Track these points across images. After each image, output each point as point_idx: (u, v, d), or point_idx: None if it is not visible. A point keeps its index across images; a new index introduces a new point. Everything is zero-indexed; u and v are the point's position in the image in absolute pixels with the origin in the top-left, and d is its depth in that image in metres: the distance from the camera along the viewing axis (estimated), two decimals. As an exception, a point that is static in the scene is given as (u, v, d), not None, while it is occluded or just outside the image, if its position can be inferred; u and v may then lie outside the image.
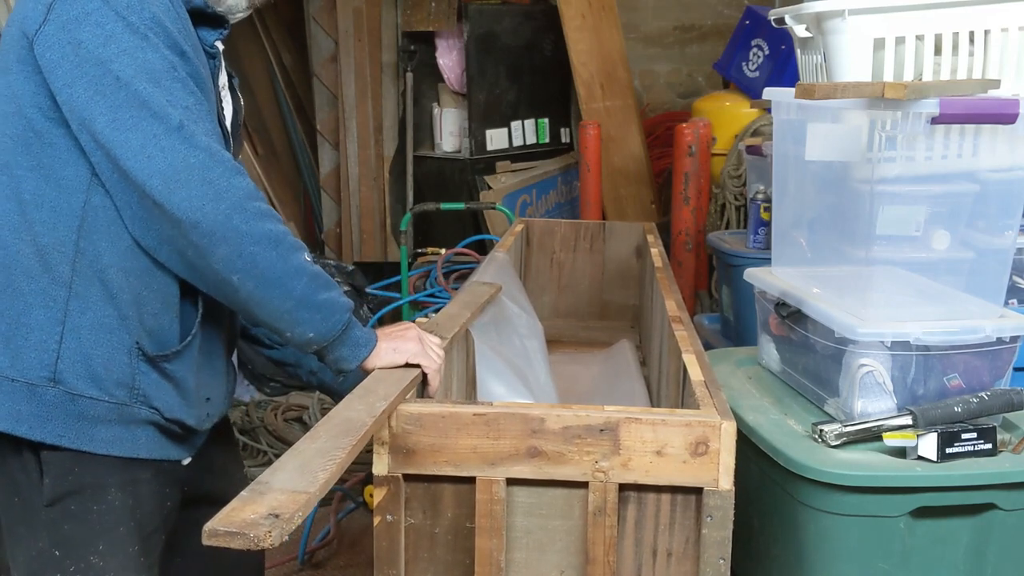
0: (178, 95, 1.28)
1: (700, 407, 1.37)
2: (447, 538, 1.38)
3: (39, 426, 1.34)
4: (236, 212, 1.27)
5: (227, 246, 1.28)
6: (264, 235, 1.30)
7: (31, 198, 1.32)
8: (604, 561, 1.34)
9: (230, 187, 1.28)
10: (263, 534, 0.94)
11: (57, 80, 1.27)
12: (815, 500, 1.66)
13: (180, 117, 1.26)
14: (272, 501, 1.01)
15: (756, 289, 2.21)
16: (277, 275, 1.32)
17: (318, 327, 1.38)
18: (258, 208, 1.31)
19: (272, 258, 1.31)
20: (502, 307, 2.20)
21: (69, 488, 1.37)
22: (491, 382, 1.82)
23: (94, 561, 1.39)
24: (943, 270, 1.92)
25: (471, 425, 1.33)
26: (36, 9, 1.28)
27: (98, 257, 1.33)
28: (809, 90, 1.77)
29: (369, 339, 1.45)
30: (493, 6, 4.95)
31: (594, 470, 1.31)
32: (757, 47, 4.14)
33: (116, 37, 1.26)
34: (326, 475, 1.08)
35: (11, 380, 1.33)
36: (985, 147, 1.82)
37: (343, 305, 1.40)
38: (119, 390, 1.36)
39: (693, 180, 3.84)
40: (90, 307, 1.34)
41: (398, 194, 5.21)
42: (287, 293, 1.33)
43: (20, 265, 1.33)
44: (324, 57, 5.20)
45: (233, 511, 0.99)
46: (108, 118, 1.25)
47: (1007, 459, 1.69)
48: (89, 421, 1.35)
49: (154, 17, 1.29)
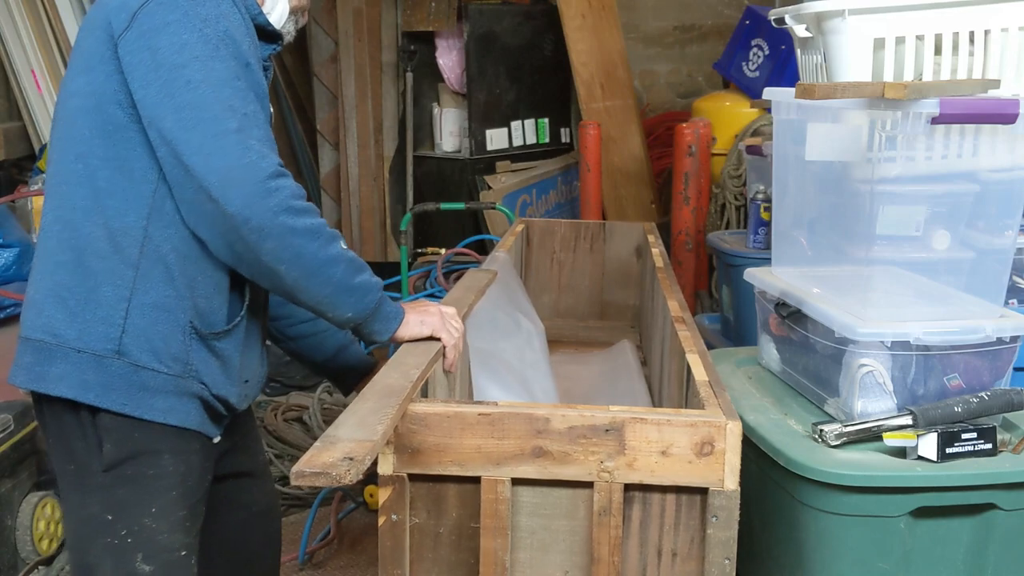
0: (239, 102, 1.40)
1: (705, 407, 1.37)
2: (451, 538, 1.38)
3: (104, 394, 1.45)
4: (283, 210, 1.40)
5: (274, 240, 1.40)
6: (307, 229, 1.43)
7: (105, 186, 1.44)
8: (609, 561, 1.34)
9: (278, 187, 1.40)
10: (343, 472, 1.10)
11: (134, 80, 1.40)
12: (815, 500, 1.66)
13: (239, 122, 1.39)
14: (345, 448, 1.16)
15: (756, 289, 2.21)
16: (319, 264, 1.45)
17: (355, 307, 1.52)
18: (302, 205, 1.43)
19: (314, 249, 1.44)
20: (500, 307, 2.20)
21: (127, 453, 1.47)
22: (487, 385, 1.82)
23: (147, 523, 1.49)
24: (943, 270, 1.92)
25: (476, 425, 1.33)
26: (121, 15, 1.42)
27: (162, 242, 1.46)
28: (809, 90, 1.78)
29: (398, 312, 1.60)
30: (493, 6, 4.95)
31: (599, 470, 1.32)
32: (757, 47, 4.14)
33: (190, 46, 1.39)
34: (383, 427, 1.23)
35: (78, 351, 1.45)
36: (985, 147, 1.82)
37: (375, 284, 1.54)
38: (175, 364, 1.48)
39: (693, 180, 3.84)
40: (153, 287, 1.46)
41: (398, 194, 5.21)
42: (328, 279, 1.46)
43: (91, 247, 1.45)
44: (324, 57, 5.20)
45: (314, 456, 1.14)
46: (174, 117, 1.38)
47: (1007, 459, 1.69)
48: (149, 391, 1.46)
49: (226, 31, 1.42)
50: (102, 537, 1.49)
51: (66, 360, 1.45)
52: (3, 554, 2.51)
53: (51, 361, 1.46)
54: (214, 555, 1.72)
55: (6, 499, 2.52)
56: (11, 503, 2.54)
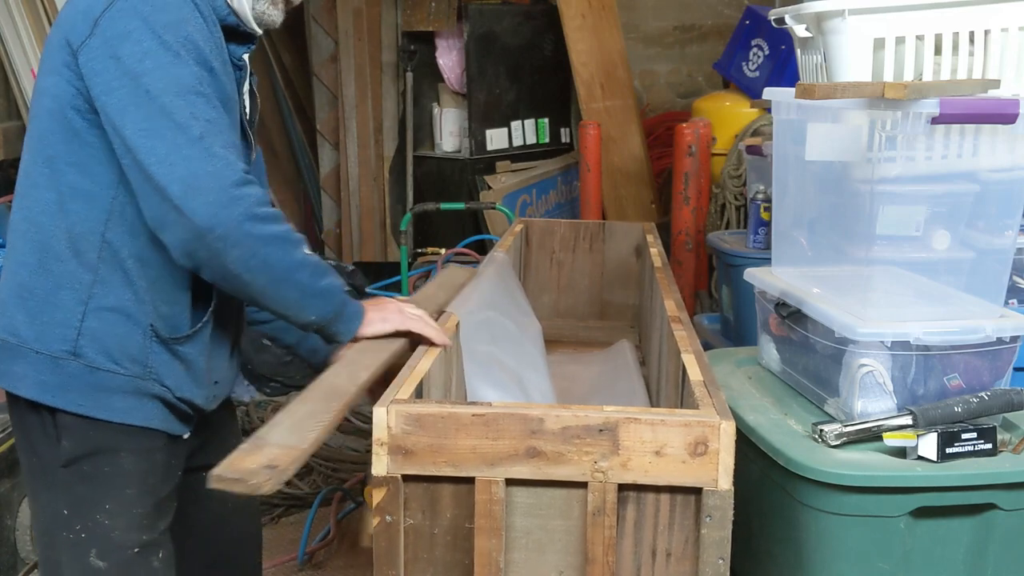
0: (201, 109, 1.40)
1: (699, 407, 1.36)
2: (446, 538, 1.38)
3: (61, 395, 1.47)
4: (248, 217, 1.40)
5: (240, 248, 1.40)
6: (272, 236, 1.44)
7: (68, 190, 1.46)
8: (603, 561, 1.33)
9: (243, 195, 1.40)
10: (262, 482, 1.07)
11: (96, 87, 1.40)
12: (815, 500, 1.65)
13: (201, 129, 1.39)
14: (270, 454, 1.12)
15: (756, 289, 2.20)
16: (285, 270, 1.46)
17: (320, 310, 1.53)
18: (266, 212, 1.43)
19: (280, 255, 1.45)
20: (497, 307, 2.20)
21: (85, 451, 1.49)
22: (481, 386, 1.82)
23: (100, 519, 1.51)
24: (943, 270, 1.91)
25: (470, 425, 1.32)
26: (83, 23, 1.41)
27: (120, 248, 1.47)
28: (809, 90, 1.77)
29: (360, 312, 1.60)
30: (493, 6, 4.95)
31: (593, 470, 1.31)
32: (757, 47, 4.14)
33: (151, 54, 1.39)
34: (315, 435, 1.19)
35: (36, 352, 1.47)
36: (985, 147, 1.82)
37: (339, 287, 1.56)
38: (133, 365, 1.49)
39: (693, 180, 3.84)
40: (111, 291, 1.47)
41: (398, 194, 5.21)
42: (293, 285, 1.48)
43: (53, 249, 1.46)
44: (324, 57, 5.19)
45: (236, 459, 1.11)
46: (137, 127, 1.38)
47: (1007, 459, 1.69)
48: (106, 392, 1.48)
49: (188, 37, 1.42)
50: (61, 532, 1.51)
51: (26, 360, 1.47)
52: (3, 554, 2.51)
53: (14, 360, 1.49)
54: (188, 553, 1.71)
55: (6, 499, 2.52)
56: (11, 503, 2.54)
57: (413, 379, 1.47)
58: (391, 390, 1.40)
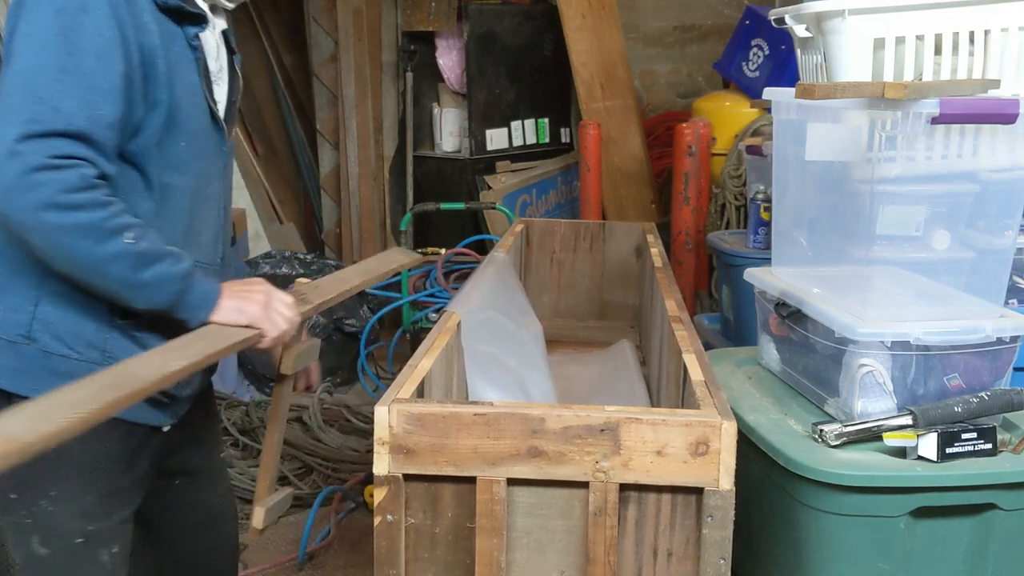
0: (57, 93, 1.33)
1: (700, 407, 1.36)
2: (447, 538, 1.38)
3: (15, 379, 1.46)
4: (46, 206, 1.32)
5: (39, 237, 1.35)
6: (76, 226, 1.35)
7: None
8: (604, 561, 1.33)
9: (44, 180, 1.32)
10: None
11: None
12: (815, 500, 1.66)
13: (34, 113, 1.31)
14: None
15: (756, 289, 2.21)
16: (93, 263, 1.38)
17: (148, 301, 1.44)
18: (75, 199, 1.34)
19: (86, 247, 1.36)
20: (497, 307, 2.20)
21: None
22: (482, 386, 1.82)
23: (44, 505, 1.49)
24: (943, 270, 1.92)
25: (472, 425, 1.32)
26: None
27: None
28: (809, 90, 1.77)
29: (207, 301, 1.49)
30: (493, 6, 4.95)
31: (594, 470, 1.31)
32: (757, 47, 4.14)
33: (32, 36, 1.34)
34: (56, 427, 1.09)
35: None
36: (985, 147, 1.82)
37: (175, 275, 1.45)
38: (90, 350, 1.47)
39: (693, 180, 3.84)
40: (63, 277, 1.43)
41: (398, 194, 5.20)
42: (105, 277, 1.40)
43: (6, 235, 1.43)
44: (324, 57, 5.19)
45: None
46: None
47: (1007, 459, 1.69)
48: (61, 376, 1.41)
49: (81, 24, 1.34)
50: (9, 515, 1.51)
51: None
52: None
53: None
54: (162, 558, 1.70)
55: (4, 499, 2.51)
56: (9, 503, 2.53)
57: (414, 378, 1.47)
58: (392, 390, 1.40)
